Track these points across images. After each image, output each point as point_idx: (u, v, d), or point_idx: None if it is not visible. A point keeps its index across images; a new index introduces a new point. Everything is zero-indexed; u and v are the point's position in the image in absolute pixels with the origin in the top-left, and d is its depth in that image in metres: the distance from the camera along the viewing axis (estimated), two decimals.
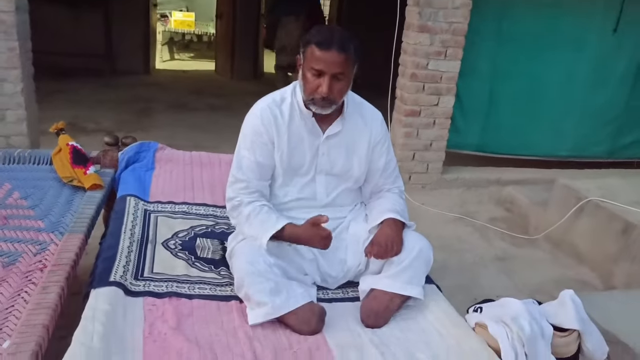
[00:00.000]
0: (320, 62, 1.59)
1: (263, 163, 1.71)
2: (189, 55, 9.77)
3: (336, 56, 1.58)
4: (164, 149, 2.60)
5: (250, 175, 1.71)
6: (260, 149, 1.71)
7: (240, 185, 1.71)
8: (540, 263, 3.09)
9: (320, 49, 1.58)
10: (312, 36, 1.62)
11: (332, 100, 1.64)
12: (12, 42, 3.16)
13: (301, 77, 1.67)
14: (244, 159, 1.73)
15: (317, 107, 1.66)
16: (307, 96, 1.66)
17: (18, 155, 2.32)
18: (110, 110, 5.45)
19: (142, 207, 2.11)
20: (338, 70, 1.60)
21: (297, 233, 1.63)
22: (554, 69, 4.11)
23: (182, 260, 1.79)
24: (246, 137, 1.75)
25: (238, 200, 1.70)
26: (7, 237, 1.76)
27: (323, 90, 1.60)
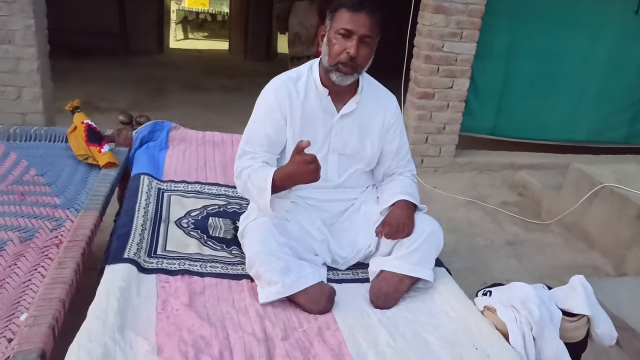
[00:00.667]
0: (351, 22, 1.60)
1: (273, 138, 1.71)
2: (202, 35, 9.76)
3: (367, 18, 1.60)
4: (177, 128, 2.62)
5: (258, 148, 1.70)
6: (272, 123, 1.71)
7: (247, 156, 1.70)
8: (552, 248, 3.08)
9: (351, 11, 1.61)
10: (341, 1, 1.65)
11: (357, 64, 1.64)
12: (29, 20, 3.18)
13: (326, 43, 1.67)
14: (253, 132, 1.73)
15: (340, 75, 1.65)
16: (331, 61, 1.65)
17: (34, 133, 2.35)
18: (124, 89, 5.48)
19: (156, 185, 2.13)
20: (367, 33, 1.61)
21: (285, 171, 1.57)
22: (571, 50, 4.04)
23: (195, 239, 1.81)
24: (258, 111, 1.75)
25: (241, 168, 1.69)
26: (25, 212, 1.79)
27: (352, 50, 1.60)
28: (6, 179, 2.01)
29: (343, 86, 1.70)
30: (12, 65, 3.27)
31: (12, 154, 2.19)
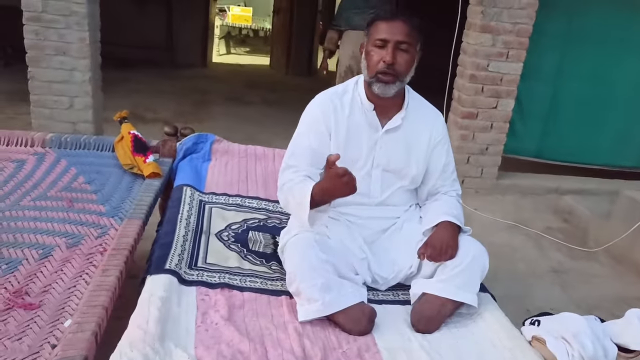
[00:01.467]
0: (385, 32, 1.62)
1: (317, 150, 1.70)
2: (244, 50, 9.94)
3: (401, 25, 1.61)
4: (220, 141, 2.64)
5: (302, 160, 1.70)
6: (317, 136, 1.71)
7: (291, 170, 1.70)
8: (600, 278, 2.95)
9: (385, 21, 1.63)
10: (376, 16, 1.68)
11: (396, 72, 1.63)
12: (83, 33, 3.30)
13: (364, 57, 1.69)
14: (298, 145, 1.73)
15: (380, 85, 1.64)
16: (370, 73, 1.66)
17: (84, 141, 2.41)
18: (169, 100, 5.61)
19: (198, 197, 2.15)
20: (402, 39, 1.61)
21: (321, 187, 1.56)
22: (622, 73, 3.92)
23: (235, 252, 1.81)
24: (303, 124, 1.76)
25: (283, 181, 1.69)
26: (72, 219, 1.83)
27: (387, 57, 1.60)
28: (56, 185, 2.06)
29: (388, 100, 1.68)
30: (66, 75, 3.39)
31: (63, 161, 2.25)
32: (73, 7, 3.24)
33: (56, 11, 3.24)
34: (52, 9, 3.23)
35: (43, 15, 3.24)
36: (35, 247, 1.64)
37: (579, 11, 3.73)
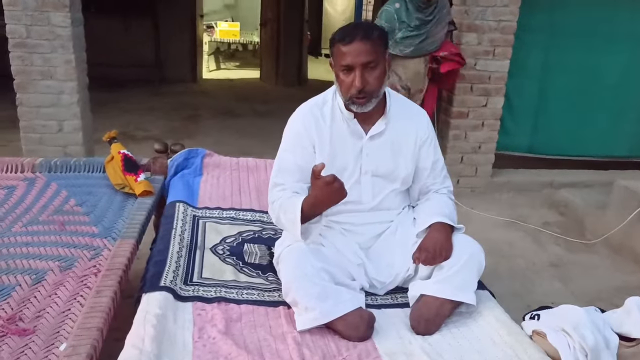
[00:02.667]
0: (347, 56, 1.58)
1: (303, 166, 1.69)
2: (234, 64, 9.95)
3: (361, 46, 1.56)
4: (211, 155, 2.64)
5: (289, 177, 1.70)
6: (301, 151, 1.71)
7: (278, 188, 1.70)
8: (599, 269, 2.94)
9: (344, 44, 1.58)
10: (335, 35, 1.63)
11: (369, 92, 1.61)
12: (69, 55, 3.30)
13: (335, 79, 1.67)
14: (283, 161, 1.73)
15: (358, 106, 1.63)
16: (345, 97, 1.65)
17: (74, 164, 2.40)
18: (159, 118, 5.61)
19: (191, 212, 2.14)
20: (366, 60, 1.57)
21: (312, 199, 1.55)
22: (608, 64, 3.94)
23: (230, 266, 1.80)
24: (287, 140, 1.75)
25: (273, 199, 1.69)
26: (65, 242, 1.82)
27: (356, 83, 1.58)
28: (47, 209, 2.05)
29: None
30: (54, 99, 3.38)
31: (53, 184, 2.24)
32: (57, 31, 3.24)
33: (40, 36, 3.24)
34: (36, 34, 3.24)
35: (28, 41, 3.25)
36: (28, 272, 1.62)
37: (561, 6, 3.76)
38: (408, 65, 3.29)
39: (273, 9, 7.75)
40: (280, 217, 1.67)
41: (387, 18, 3.13)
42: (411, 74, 3.31)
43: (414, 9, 3.11)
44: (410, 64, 3.28)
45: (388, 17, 3.13)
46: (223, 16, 10.90)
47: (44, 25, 3.23)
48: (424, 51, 3.27)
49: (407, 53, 3.22)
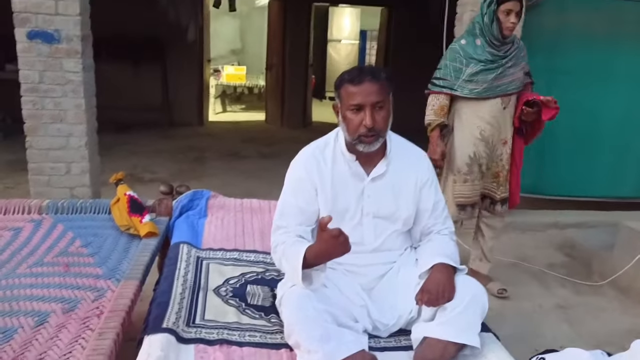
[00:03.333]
0: (357, 96, 1.62)
1: (305, 209, 1.72)
2: (240, 107, 10.13)
3: (371, 86, 1.62)
4: (216, 196, 2.67)
5: (292, 220, 1.72)
6: (303, 194, 1.73)
7: (281, 231, 1.72)
8: (607, 312, 2.90)
9: (353, 85, 1.63)
10: (342, 77, 1.68)
11: (378, 131, 1.65)
12: (79, 100, 3.39)
13: (341, 120, 1.70)
14: (286, 204, 1.75)
15: (365, 145, 1.67)
16: (352, 136, 1.68)
17: (80, 205, 2.43)
18: (167, 160, 5.68)
19: (195, 254, 2.15)
20: (376, 100, 1.63)
21: (315, 249, 1.56)
22: (611, 104, 4.00)
23: (233, 307, 1.80)
24: (289, 183, 1.78)
25: (276, 243, 1.71)
26: (68, 284, 1.83)
27: (367, 122, 1.62)
28: (52, 250, 2.07)
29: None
30: (63, 142, 3.45)
31: (59, 226, 2.27)
32: (69, 76, 3.34)
33: (52, 81, 3.34)
34: (48, 80, 3.34)
35: (40, 85, 3.34)
36: (31, 314, 1.62)
37: (560, 49, 3.84)
38: (481, 109, 2.72)
39: (278, 53, 7.95)
40: (282, 262, 1.69)
41: (451, 56, 2.71)
42: (489, 120, 2.73)
43: (486, 44, 2.65)
44: (484, 107, 2.71)
45: (453, 55, 2.71)
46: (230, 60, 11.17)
47: (56, 70, 3.33)
48: (502, 91, 2.70)
49: (479, 93, 2.68)
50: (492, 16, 2.58)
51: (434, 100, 2.77)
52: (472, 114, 2.73)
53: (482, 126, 2.74)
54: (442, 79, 2.74)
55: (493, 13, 2.58)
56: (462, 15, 3.64)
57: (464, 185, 2.83)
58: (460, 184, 2.83)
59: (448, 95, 2.73)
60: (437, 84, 2.76)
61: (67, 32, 3.28)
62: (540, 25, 3.72)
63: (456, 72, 2.69)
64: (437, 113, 2.74)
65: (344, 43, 11.53)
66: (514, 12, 2.56)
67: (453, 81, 2.70)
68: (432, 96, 2.78)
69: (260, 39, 10.27)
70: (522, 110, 2.72)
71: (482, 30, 2.64)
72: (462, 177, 2.82)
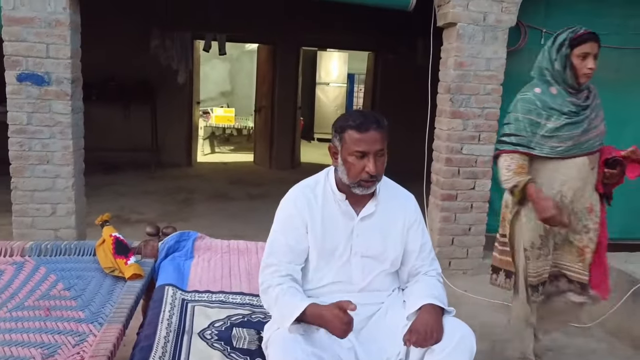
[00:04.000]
0: (362, 143, 1.65)
1: (295, 247, 1.73)
2: (229, 148, 10.19)
3: (375, 134, 1.65)
4: (203, 238, 2.65)
5: (282, 258, 1.72)
6: (293, 232, 1.74)
7: (271, 269, 1.72)
8: (596, 354, 2.88)
9: (359, 132, 1.65)
10: (346, 121, 1.70)
11: (378, 177, 1.69)
12: (67, 141, 3.40)
13: (341, 163, 1.72)
14: (275, 242, 1.75)
15: (363, 189, 1.70)
16: (352, 180, 1.70)
17: (64, 247, 2.40)
18: (154, 201, 5.66)
19: (180, 296, 2.12)
20: (379, 147, 1.67)
21: (320, 312, 1.57)
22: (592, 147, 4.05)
23: (218, 351, 1.76)
24: (279, 221, 1.78)
25: (267, 284, 1.70)
26: (49, 328, 1.79)
27: (371, 170, 1.65)
28: (34, 294, 2.03)
29: None
30: (49, 183, 3.43)
31: (42, 268, 2.23)
32: (57, 118, 3.35)
33: (40, 123, 3.35)
34: (36, 121, 3.35)
35: (28, 127, 3.35)
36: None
37: None
38: (564, 170, 2.27)
39: (267, 96, 8.07)
40: (272, 307, 1.68)
41: (524, 108, 2.26)
42: (572, 183, 2.28)
43: (565, 93, 2.25)
44: (567, 169, 2.27)
45: (526, 107, 2.26)
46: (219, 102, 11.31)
47: (45, 112, 3.34)
48: (589, 148, 2.27)
49: (562, 152, 2.25)
50: (564, 62, 2.20)
51: (508, 160, 2.28)
52: (551, 176, 2.28)
53: (564, 191, 2.28)
54: (514, 135, 2.27)
55: (565, 58, 2.20)
56: (447, 60, 3.75)
57: (537, 262, 2.36)
58: (534, 261, 2.36)
59: (524, 155, 2.27)
60: (508, 141, 2.30)
61: (57, 75, 3.32)
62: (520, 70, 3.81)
63: (533, 127, 2.24)
64: (518, 172, 2.25)
65: (332, 86, 11.76)
66: (591, 55, 2.18)
67: (529, 137, 2.25)
68: (505, 157, 2.29)
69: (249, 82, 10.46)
70: (605, 174, 2.30)
71: (554, 78, 2.25)
72: (535, 252, 2.35)
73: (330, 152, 1.76)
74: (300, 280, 1.74)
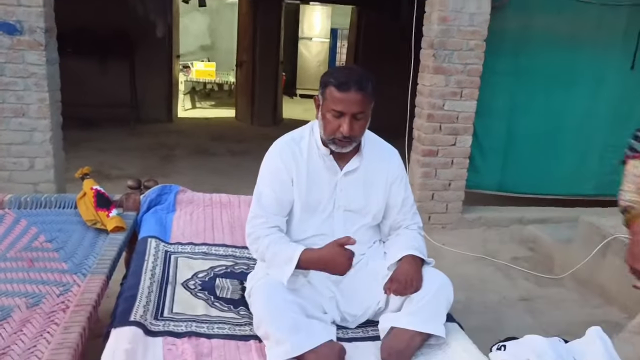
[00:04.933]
0: (340, 103, 1.63)
1: (282, 199, 1.74)
2: (210, 104, 10.04)
3: (355, 96, 1.62)
4: (185, 191, 2.65)
5: (269, 210, 1.73)
6: (280, 184, 1.75)
7: (259, 220, 1.73)
8: (567, 303, 3.00)
9: (339, 91, 1.63)
10: (330, 77, 1.68)
11: (352, 139, 1.68)
12: (43, 94, 3.31)
13: (321, 117, 1.72)
14: (262, 194, 1.76)
15: (337, 147, 1.70)
16: (327, 136, 1.70)
17: (44, 200, 2.38)
18: (134, 157, 5.59)
19: (163, 248, 2.14)
20: (358, 110, 1.64)
21: (318, 254, 1.61)
22: (573, 105, 4.11)
23: (202, 300, 1.80)
24: (265, 174, 1.79)
25: (257, 234, 1.72)
26: (32, 279, 1.79)
27: (344, 130, 1.64)
28: (15, 246, 2.02)
29: None
30: (26, 137, 3.36)
31: (23, 221, 2.21)
32: (31, 69, 3.25)
33: (14, 74, 3.25)
34: (10, 72, 3.24)
35: (1, 78, 3.25)
36: None
37: (524, 50, 3.94)
38: None
39: (249, 50, 7.91)
40: (264, 255, 1.69)
41: None
42: None
43: None
44: None
45: None
46: (199, 57, 11.06)
47: (18, 63, 3.24)
48: None
49: None
50: None
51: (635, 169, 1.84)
52: None
53: None
54: None
55: None
56: (431, 15, 3.70)
57: None
58: None
59: None
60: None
61: (30, 24, 3.19)
62: (504, 27, 3.81)
63: None
64: None
65: (315, 41, 11.55)
66: None
67: None
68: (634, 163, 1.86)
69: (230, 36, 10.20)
70: None
71: None
72: None
73: (315, 104, 1.77)
74: (285, 231, 1.77)
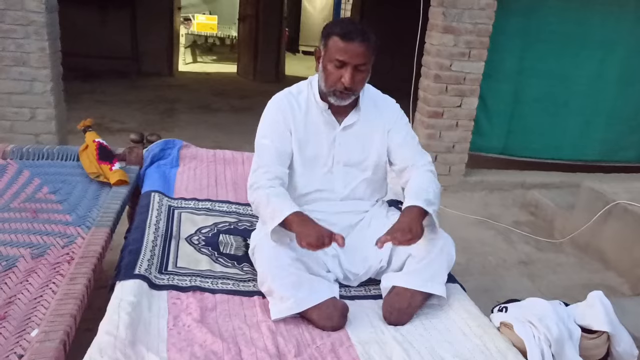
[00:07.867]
0: (344, 53, 1.61)
1: (281, 149, 1.73)
2: (211, 58, 9.87)
3: (359, 47, 1.60)
4: (188, 146, 2.63)
5: (270, 161, 1.72)
6: (279, 135, 1.74)
7: (262, 170, 1.71)
8: (566, 267, 3.03)
9: (343, 40, 1.60)
10: (333, 27, 1.65)
11: (353, 91, 1.66)
12: (42, 42, 3.24)
13: (321, 69, 1.69)
14: (263, 146, 1.75)
15: (337, 99, 1.68)
16: (327, 88, 1.68)
17: (47, 152, 2.36)
18: (135, 110, 5.54)
19: (166, 203, 2.13)
20: (361, 61, 1.62)
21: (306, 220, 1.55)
22: (582, 69, 4.04)
23: (206, 256, 1.80)
24: (264, 126, 1.78)
25: (258, 184, 1.69)
26: (36, 229, 1.80)
27: (346, 81, 1.62)
28: (19, 196, 2.02)
29: None
30: (26, 86, 3.32)
31: (25, 171, 2.20)
32: (31, 17, 3.17)
33: (14, 21, 3.17)
34: (9, 19, 3.17)
35: (1, 25, 3.17)
36: None
37: (535, 11, 3.84)
38: None
39: (252, 4, 7.72)
40: (260, 207, 1.67)
41: None
42: None
43: None
44: None
45: None
46: (201, 9, 10.80)
47: (17, 10, 3.16)
48: None
49: None
50: None
51: None
52: None
53: None
54: None
55: None
56: None
57: None
58: None
59: None
60: None
61: None
62: None
63: None
64: None
65: None
66: None
67: None
68: None
69: None
70: None
71: None
72: None
73: (315, 56, 1.74)
74: (287, 184, 1.74)
